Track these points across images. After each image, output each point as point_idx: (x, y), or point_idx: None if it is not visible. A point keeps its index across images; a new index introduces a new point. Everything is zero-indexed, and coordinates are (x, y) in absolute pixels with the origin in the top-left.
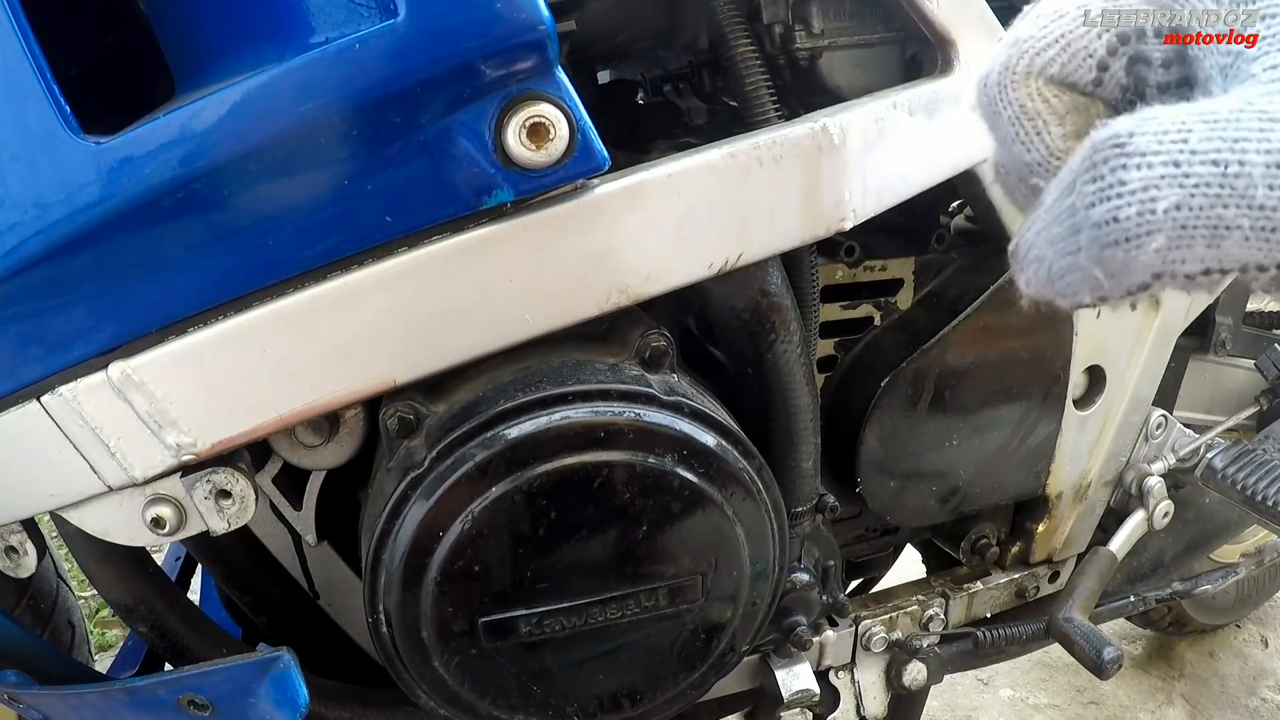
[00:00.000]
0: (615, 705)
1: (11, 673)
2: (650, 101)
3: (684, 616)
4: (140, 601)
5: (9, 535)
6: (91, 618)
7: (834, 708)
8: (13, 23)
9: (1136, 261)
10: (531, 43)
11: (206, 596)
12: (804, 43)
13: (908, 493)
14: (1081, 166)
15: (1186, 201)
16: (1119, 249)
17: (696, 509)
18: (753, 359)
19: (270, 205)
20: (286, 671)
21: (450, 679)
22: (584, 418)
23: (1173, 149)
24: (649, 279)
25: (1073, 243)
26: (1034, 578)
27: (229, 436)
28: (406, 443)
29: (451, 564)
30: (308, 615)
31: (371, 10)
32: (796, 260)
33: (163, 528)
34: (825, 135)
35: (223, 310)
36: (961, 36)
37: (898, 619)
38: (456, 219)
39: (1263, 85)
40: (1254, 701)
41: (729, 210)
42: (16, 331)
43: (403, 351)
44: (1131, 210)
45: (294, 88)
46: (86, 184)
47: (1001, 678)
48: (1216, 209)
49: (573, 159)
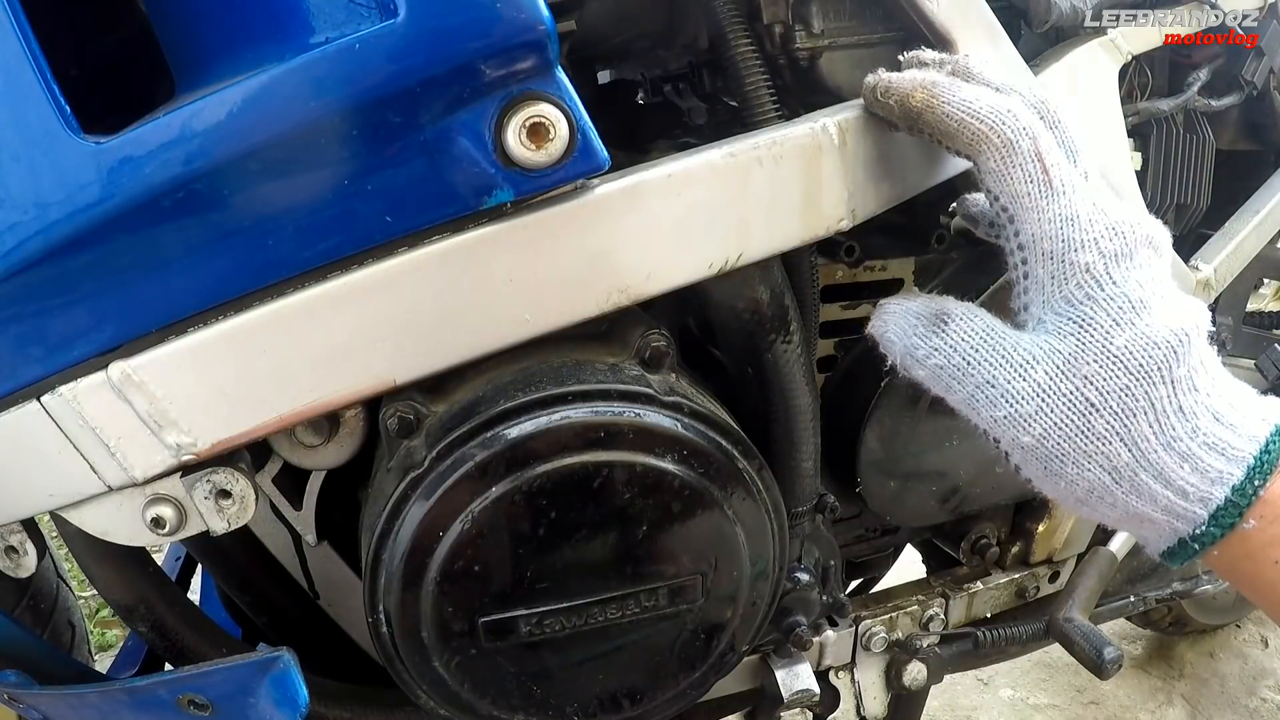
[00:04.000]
0: (615, 705)
1: (11, 673)
2: (650, 101)
3: (684, 616)
4: (140, 601)
5: (9, 535)
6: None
7: (834, 708)
8: (13, 23)
9: (913, 372)
10: (531, 43)
11: (206, 596)
12: (804, 43)
13: (908, 493)
14: (925, 314)
15: (945, 366)
16: (910, 360)
17: (696, 509)
18: (753, 359)
19: (270, 205)
20: (286, 671)
21: (450, 679)
22: (584, 418)
23: (956, 338)
24: (649, 279)
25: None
26: (1034, 578)
27: (229, 436)
28: (406, 443)
29: (451, 564)
30: (308, 615)
31: (371, 10)
32: (796, 260)
33: (163, 528)
34: (825, 135)
35: (223, 310)
36: (961, 37)
37: (898, 619)
38: (456, 219)
39: (1028, 340)
40: (1254, 701)
41: (729, 210)
42: (16, 331)
43: (403, 351)
44: (921, 352)
45: (294, 88)
46: (87, 184)
47: (1001, 678)
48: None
49: (573, 159)
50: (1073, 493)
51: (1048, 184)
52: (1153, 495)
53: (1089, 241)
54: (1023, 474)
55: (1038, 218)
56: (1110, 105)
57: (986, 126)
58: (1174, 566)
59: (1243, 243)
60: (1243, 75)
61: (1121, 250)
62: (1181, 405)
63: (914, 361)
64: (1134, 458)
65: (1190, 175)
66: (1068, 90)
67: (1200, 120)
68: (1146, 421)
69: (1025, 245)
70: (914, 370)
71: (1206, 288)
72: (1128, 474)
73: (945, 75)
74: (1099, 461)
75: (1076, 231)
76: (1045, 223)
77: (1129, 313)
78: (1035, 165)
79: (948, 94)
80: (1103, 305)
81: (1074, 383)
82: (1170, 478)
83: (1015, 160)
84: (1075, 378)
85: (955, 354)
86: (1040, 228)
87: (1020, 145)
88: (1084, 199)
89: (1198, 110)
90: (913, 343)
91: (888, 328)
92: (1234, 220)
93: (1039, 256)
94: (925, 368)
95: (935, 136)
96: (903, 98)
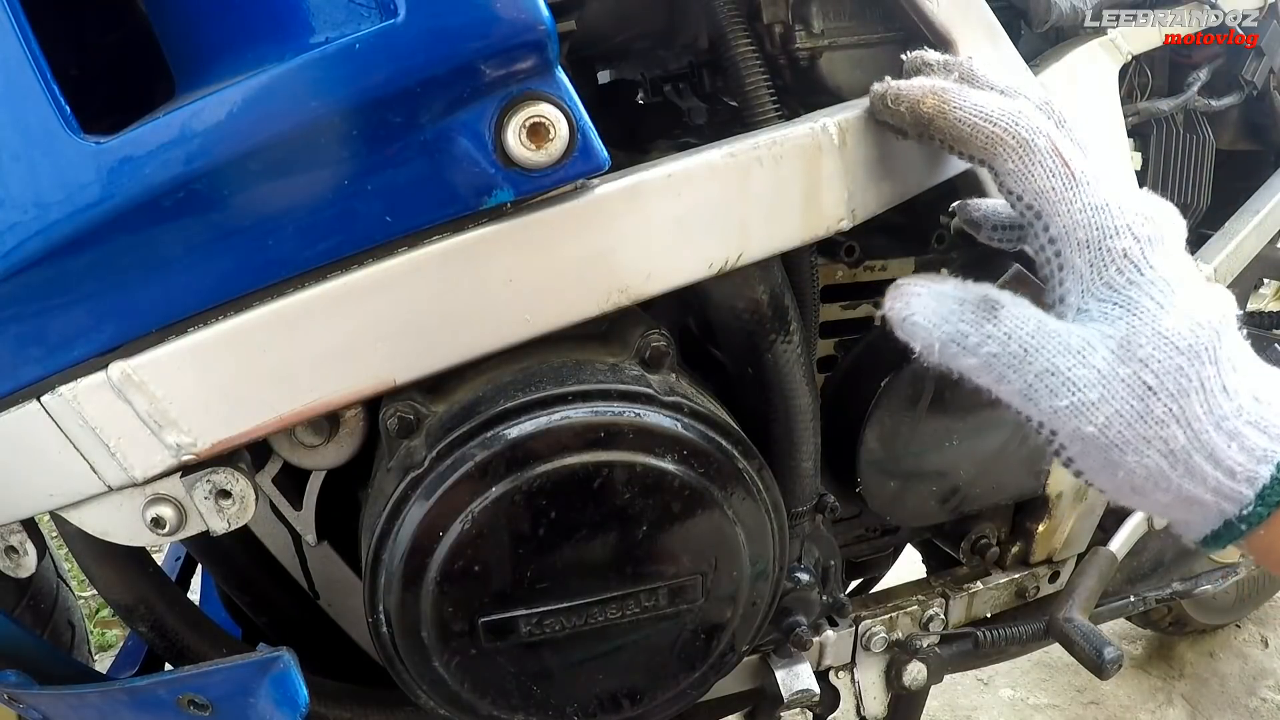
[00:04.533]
0: (615, 705)
1: (11, 673)
2: (650, 101)
3: (684, 616)
4: (140, 601)
5: (9, 535)
6: (91, 618)
7: (834, 708)
8: (13, 23)
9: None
10: (531, 43)
11: (206, 596)
12: (804, 43)
13: (908, 493)
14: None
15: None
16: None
17: (696, 509)
18: (753, 359)
19: (270, 205)
20: (286, 671)
21: (450, 679)
22: (584, 418)
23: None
24: (649, 279)
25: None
26: (1034, 578)
27: (229, 436)
28: (406, 443)
29: (451, 564)
30: (308, 615)
31: (371, 10)
32: (796, 260)
33: (163, 528)
34: (825, 135)
35: (223, 310)
36: (961, 36)
37: (898, 619)
38: (456, 219)
39: (1080, 328)
40: (1254, 701)
41: (729, 210)
42: (16, 331)
43: (403, 351)
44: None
45: (294, 88)
46: (86, 184)
47: (1001, 678)
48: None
49: (573, 159)
50: (1130, 482)
51: (1071, 177)
52: (1204, 476)
53: (1123, 228)
54: (1075, 467)
55: (1067, 209)
56: (1110, 105)
57: (1001, 129)
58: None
59: (1243, 243)
60: (1243, 75)
61: (1155, 235)
62: (1225, 384)
63: (961, 349)
64: (1189, 440)
65: (1190, 175)
66: (1068, 90)
67: (1200, 120)
68: (1198, 401)
69: (1058, 238)
70: (960, 360)
71: None
72: (1183, 457)
73: (953, 80)
74: (1157, 446)
75: (1109, 219)
76: (1076, 213)
77: (1171, 295)
78: (1056, 160)
79: (958, 99)
80: (1146, 289)
81: (1132, 366)
82: (1220, 457)
83: (1035, 158)
84: (1133, 361)
85: (1013, 341)
86: (1072, 218)
87: (1037, 143)
88: (1109, 189)
89: (1198, 110)
90: (959, 329)
91: (915, 311)
92: (1234, 220)
93: (1074, 246)
94: (977, 356)
95: (947, 142)
96: (913, 104)
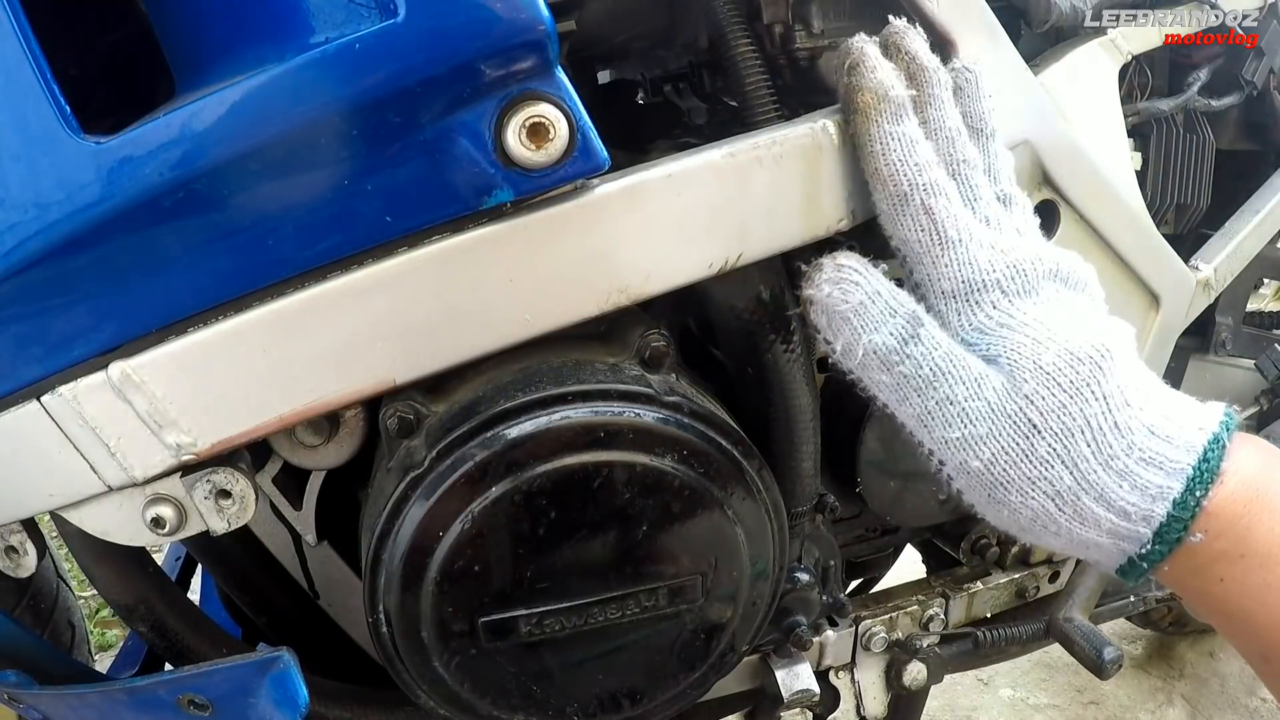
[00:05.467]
0: (615, 705)
1: (11, 673)
2: (650, 101)
3: (684, 616)
4: (140, 601)
5: (9, 535)
6: (91, 618)
7: (834, 708)
8: (13, 23)
9: (872, 374)
10: (531, 43)
11: (206, 596)
12: (804, 43)
13: (908, 493)
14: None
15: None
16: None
17: (696, 509)
18: (753, 359)
19: (270, 205)
20: (286, 671)
21: (450, 679)
22: (584, 418)
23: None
24: (649, 279)
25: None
26: (1034, 578)
27: (229, 436)
28: (406, 443)
29: (451, 564)
30: (308, 615)
31: (371, 10)
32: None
33: (163, 528)
34: (825, 135)
35: (223, 310)
36: (961, 37)
37: (898, 619)
38: (456, 219)
39: (975, 359)
40: (1254, 701)
41: (729, 210)
42: (16, 331)
43: (403, 351)
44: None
45: (294, 88)
46: (86, 184)
47: (1001, 678)
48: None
49: (573, 159)
50: (1016, 521)
51: (939, 235)
52: (1096, 519)
53: (990, 283)
54: (965, 499)
55: (932, 263)
56: (1110, 105)
57: (887, 173)
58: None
59: (1243, 243)
60: (1243, 75)
61: (1025, 288)
62: (1117, 421)
63: (880, 363)
64: (1075, 480)
65: (1190, 175)
66: (1068, 90)
67: (1200, 120)
68: (1084, 440)
69: (921, 284)
70: (873, 372)
71: (1206, 288)
72: (1070, 498)
73: (903, 92)
74: (1042, 488)
75: (976, 274)
76: (941, 268)
77: (1047, 331)
78: (925, 218)
79: (885, 119)
80: (1019, 329)
81: (1018, 402)
82: (1111, 499)
83: (906, 210)
84: (1019, 396)
85: (924, 365)
86: (935, 271)
87: (913, 198)
88: (981, 245)
89: (1198, 110)
90: (886, 342)
91: (847, 305)
92: (1234, 220)
93: (938, 295)
94: (891, 373)
95: (852, 140)
96: (852, 90)
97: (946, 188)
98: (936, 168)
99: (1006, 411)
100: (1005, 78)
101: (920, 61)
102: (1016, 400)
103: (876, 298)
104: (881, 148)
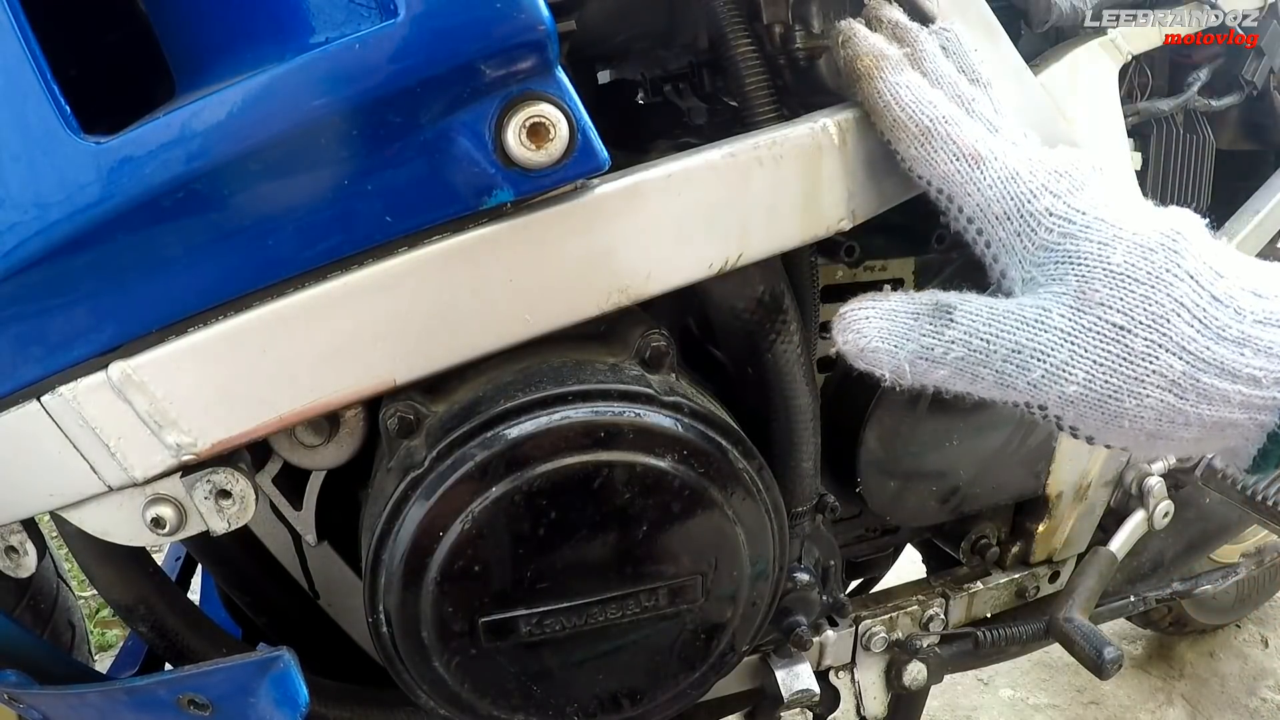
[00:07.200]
0: (615, 705)
1: (11, 673)
2: (650, 101)
3: (684, 616)
4: (140, 601)
5: (9, 535)
6: (91, 618)
7: (834, 708)
8: (13, 23)
9: (930, 376)
10: (531, 43)
11: (206, 596)
12: (804, 43)
13: (908, 493)
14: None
15: (967, 355)
16: (924, 364)
17: (696, 509)
18: (753, 359)
19: (270, 205)
20: (286, 671)
21: (450, 679)
22: (584, 418)
23: (967, 323)
24: (649, 279)
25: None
26: (1034, 578)
27: (229, 436)
28: (406, 443)
29: (451, 564)
30: (308, 615)
31: (371, 10)
32: (796, 260)
33: (163, 528)
34: (825, 135)
35: (223, 310)
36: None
37: (898, 619)
38: (456, 219)
39: (1032, 298)
40: (1254, 701)
41: (729, 210)
42: (16, 331)
43: (403, 351)
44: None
45: (294, 88)
46: (87, 184)
47: (1001, 678)
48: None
49: (573, 159)
50: (1142, 428)
51: (975, 157)
52: (1224, 395)
53: (1038, 189)
54: (1083, 434)
55: (976, 188)
56: (1110, 105)
57: (906, 115)
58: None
59: (1243, 243)
60: (1243, 75)
61: (1074, 185)
62: (1214, 294)
63: (930, 364)
64: (1188, 364)
65: (1190, 175)
66: (1068, 90)
67: (1200, 120)
68: (1184, 321)
69: (974, 216)
70: (930, 374)
71: None
72: (1189, 383)
73: (897, 51)
74: (1154, 382)
75: (1021, 186)
76: (986, 188)
77: (1112, 229)
78: (954, 145)
79: (888, 73)
80: (1083, 235)
81: (1094, 313)
82: (1236, 369)
83: (936, 144)
84: (1092, 308)
85: (975, 338)
86: (982, 194)
87: (936, 131)
88: (1018, 158)
89: (1198, 110)
90: (922, 344)
91: (870, 337)
92: (1234, 220)
93: (993, 220)
94: (946, 365)
95: (865, 106)
96: (851, 59)
97: (964, 119)
98: (949, 104)
99: (1083, 327)
100: (1005, 78)
101: (903, 25)
102: (1091, 312)
103: (894, 315)
104: (893, 96)
